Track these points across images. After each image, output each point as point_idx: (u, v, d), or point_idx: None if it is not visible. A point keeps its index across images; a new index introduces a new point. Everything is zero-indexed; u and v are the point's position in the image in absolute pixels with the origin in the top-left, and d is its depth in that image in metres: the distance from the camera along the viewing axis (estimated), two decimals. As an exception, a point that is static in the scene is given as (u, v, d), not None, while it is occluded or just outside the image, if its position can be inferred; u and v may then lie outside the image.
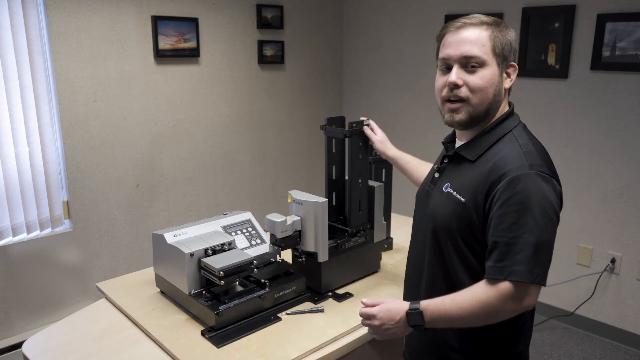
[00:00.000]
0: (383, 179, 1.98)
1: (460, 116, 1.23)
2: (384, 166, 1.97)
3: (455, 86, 1.22)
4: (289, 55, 3.74)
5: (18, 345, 2.66)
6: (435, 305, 1.19)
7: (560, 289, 3.22)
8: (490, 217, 1.16)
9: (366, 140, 1.78)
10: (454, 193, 1.24)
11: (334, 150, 1.84)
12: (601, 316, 3.08)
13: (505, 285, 1.12)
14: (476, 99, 1.21)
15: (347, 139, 1.77)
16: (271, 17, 3.56)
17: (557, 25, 2.99)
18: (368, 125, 1.78)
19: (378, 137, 1.76)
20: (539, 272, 1.11)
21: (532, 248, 1.10)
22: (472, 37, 1.22)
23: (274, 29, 3.61)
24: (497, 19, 1.27)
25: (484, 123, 1.26)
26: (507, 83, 1.25)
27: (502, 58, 1.22)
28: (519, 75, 3.36)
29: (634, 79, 2.78)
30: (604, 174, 2.96)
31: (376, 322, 1.26)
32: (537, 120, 3.16)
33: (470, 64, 1.21)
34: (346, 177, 1.83)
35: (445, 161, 1.34)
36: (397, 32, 3.76)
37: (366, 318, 1.29)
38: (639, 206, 2.87)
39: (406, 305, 1.23)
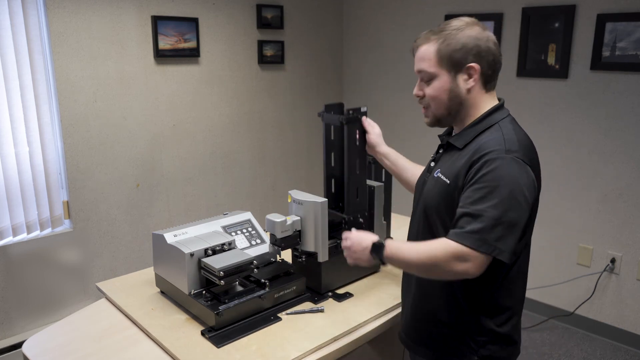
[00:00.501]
0: (383, 179, 1.98)
1: (427, 119, 1.42)
2: (356, 127, 1.94)
3: (418, 97, 1.41)
4: (289, 55, 3.74)
5: (18, 345, 2.66)
6: (397, 245, 1.35)
7: (560, 289, 3.22)
8: (463, 192, 1.27)
9: (363, 128, 1.77)
10: (442, 177, 1.35)
11: (332, 138, 1.82)
12: (601, 316, 3.08)
13: (455, 246, 1.22)
14: (434, 105, 1.37)
15: (344, 126, 1.74)
16: (271, 17, 3.56)
17: (557, 25, 2.99)
18: (365, 114, 1.79)
19: (376, 130, 1.78)
20: (492, 244, 1.19)
21: (491, 222, 1.19)
22: (420, 54, 1.36)
23: (274, 29, 3.61)
24: (454, 23, 1.33)
25: (465, 118, 1.37)
26: (468, 84, 1.33)
27: (451, 65, 1.32)
28: (519, 75, 3.33)
29: (634, 79, 2.78)
30: (604, 174, 2.96)
31: (348, 243, 1.46)
32: (537, 120, 3.16)
33: (424, 77, 1.37)
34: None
35: (440, 151, 1.46)
36: (397, 32, 3.76)
37: (344, 239, 1.48)
38: (639, 206, 2.87)
39: (375, 237, 1.41)
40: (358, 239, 1.43)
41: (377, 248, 1.37)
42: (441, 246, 1.24)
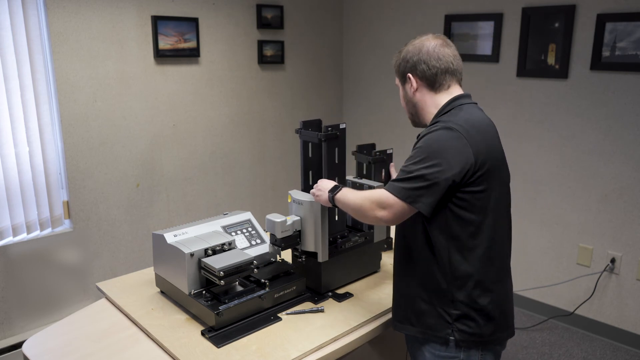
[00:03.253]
0: (383, 179, 1.98)
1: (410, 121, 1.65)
2: (383, 166, 1.97)
3: None
4: (289, 55, 3.74)
5: (18, 345, 2.66)
6: (346, 191, 1.56)
7: (560, 289, 3.22)
8: None
9: (343, 144, 1.77)
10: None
11: (310, 155, 1.81)
12: (601, 316, 3.08)
13: (381, 192, 1.42)
14: (406, 110, 1.62)
15: (322, 144, 1.72)
16: (271, 17, 3.56)
17: (557, 25, 2.99)
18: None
19: None
20: (410, 195, 1.37)
21: (412, 175, 1.37)
22: None
23: (274, 29, 3.61)
24: (412, 40, 1.56)
25: (425, 117, 1.55)
26: (412, 90, 1.54)
27: (402, 75, 1.57)
28: (519, 75, 3.35)
29: (634, 79, 2.78)
30: (604, 174, 2.96)
31: (316, 185, 1.67)
32: (537, 120, 3.16)
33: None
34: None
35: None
36: (397, 33, 3.76)
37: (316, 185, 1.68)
38: (639, 206, 2.87)
39: (336, 184, 1.63)
40: (324, 183, 1.65)
41: (333, 189, 1.59)
42: (373, 193, 1.44)
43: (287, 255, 1.98)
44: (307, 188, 1.83)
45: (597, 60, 2.87)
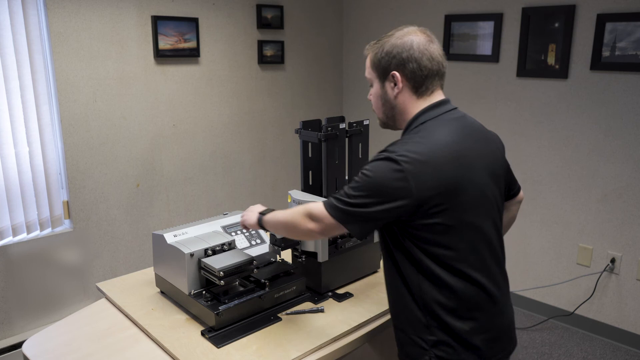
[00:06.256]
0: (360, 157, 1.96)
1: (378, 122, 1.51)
2: (360, 140, 1.94)
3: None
4: (289, 55, 3.74)
5: (18, 345, 2.66)
6: (275, 212, 1.55)
7: (560, 289, 3.22)
8: None
9: (343, 144, 1.75)
10: None
11: (310, 155, 1.80)
12: (601, 316, 3.08)
13: (314, 204, 1.39)
14: (375, 109, 1.47)
15: (322, 143, 1.71)
16: (271, 17, 3.56)
17: (557, 25, 2.99)
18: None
19: None
20: (338, 213, 1.32)
21: (344, 197, 1.32)
22: (366, 62, 1.46)
23: (274, 29, 3.61)
24: (391, 32, 1.40)
25: (401, 123, 1.42)
26: (395, 90, 1.38)
27: (380, 71, 1.39)
28: (519, 75, 3.34)
29: (634, 79, 2.78)
30: (604, 174, 2.96)
31: (247, 209, 1.67)
32: (537, 120, 3.16)
33: (369, 83, 1.47)
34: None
35: None
36: (397, 32, 3.75)
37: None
38: (639, 206, 2.87)
39: (265, 208, 1.63)
40: (255, 207, 1.65)
41: (264, 211, 1.58)
42: (306, 205, 1.41)
43: (287, 255, 1.98)
44: (307, 188, 1.83)
45: (597, 60, 2.87)
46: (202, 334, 1.53)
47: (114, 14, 2.85)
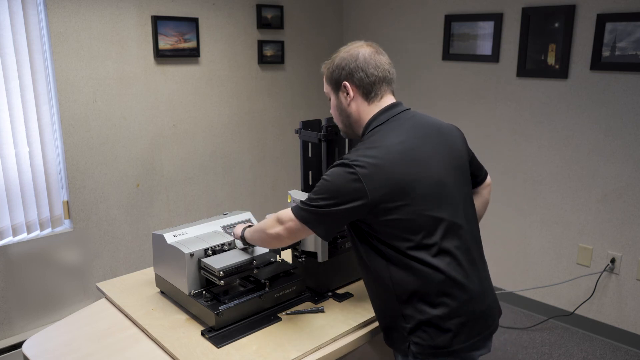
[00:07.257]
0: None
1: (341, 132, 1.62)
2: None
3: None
4: (289, 55, 3.74)
5: (18, 345, 2.66)
6: (255, 225, 1.62)
7: (560, 289, 3.22)
8: None
9: (343, 144, 1.76)
10: None
11: (310, 155, 1.81)
12: (601, 316, 3.08)
13: (284, 210, 1.48)
14: (336, 121, 1.59)
15: (322, 143, 1.73)
16: (271, 17, 3.56)
17: (557, 25, 2.99)
18: None
19: None
20: (303, 215, 1.41)
21: (308, 201, 1.41)
22: (323, 79, 1.61)
23: (274, 29, 3.61)
24: (341, 48, 1.59)
25: (358, 129, 1.52)
26: (347, 99, 1.50)
27: (333, 84, 1.54)
28: (518, 75, 3.34)
29: (634, 79, 2.78)
30: (604, 174, 2.96)
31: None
32: (537, 120, 3.16)
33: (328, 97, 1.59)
34: None
35: None
36: (397, 33, 3.76)
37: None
38: (639, 206, 2.87)
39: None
40: (240, 225, 1.72)
41: (250, 225, 1.66)
42: (279, 212, 1.49)
43: (287, 255, 1.98)
44: (307, 188, 1.83)
45: (597, 60, 2.87)
46: (202, 334, 1.53)
47: (114, 14, 2.85)
